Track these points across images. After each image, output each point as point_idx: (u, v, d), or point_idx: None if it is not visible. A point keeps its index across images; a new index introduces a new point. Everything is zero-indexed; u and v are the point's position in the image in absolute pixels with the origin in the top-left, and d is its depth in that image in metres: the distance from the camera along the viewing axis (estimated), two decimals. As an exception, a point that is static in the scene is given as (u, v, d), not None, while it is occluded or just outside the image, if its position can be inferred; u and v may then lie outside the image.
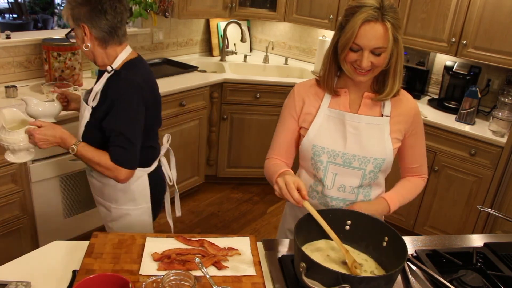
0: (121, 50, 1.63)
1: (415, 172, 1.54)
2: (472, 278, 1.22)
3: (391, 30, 1.24)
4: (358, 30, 1.23)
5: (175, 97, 2.97)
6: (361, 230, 1.29)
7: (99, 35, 1.56)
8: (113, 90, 1.57)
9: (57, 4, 7.79)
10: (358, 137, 1.39)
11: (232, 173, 3.65)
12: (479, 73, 3.04)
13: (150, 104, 1.65)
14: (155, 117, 1.74)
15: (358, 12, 1.23)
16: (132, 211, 1.77)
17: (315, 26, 3.61)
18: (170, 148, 1.93)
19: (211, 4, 3.41)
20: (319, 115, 1.42)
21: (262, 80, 3.38)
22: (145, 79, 1.63)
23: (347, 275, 1.04)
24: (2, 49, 2.58)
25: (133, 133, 1.58)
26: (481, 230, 2.76)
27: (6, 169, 2.19)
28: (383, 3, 1.24)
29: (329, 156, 1.40)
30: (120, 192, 1.74)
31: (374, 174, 1.42)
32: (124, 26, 1.63)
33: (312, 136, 1.41)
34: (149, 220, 1.82)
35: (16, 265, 1.22)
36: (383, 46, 1.25)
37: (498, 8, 2.66)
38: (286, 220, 1.63)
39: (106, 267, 1.21)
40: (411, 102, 1.46)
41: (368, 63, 1.27)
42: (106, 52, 1.60)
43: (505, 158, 2.59)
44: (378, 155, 1.39)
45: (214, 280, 1.16)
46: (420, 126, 1.48)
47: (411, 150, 1.48)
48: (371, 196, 1.47)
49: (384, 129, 1.40)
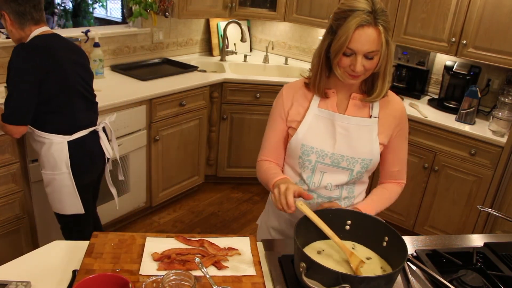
0: (36, 28, 1.93)
1: (394, 177, 1.53)
2: (472, 278, 1.22)
3: (384, 33, 1.24)
4: (352, 35, 1.23)
5: (175, 97, 2.97)
6: (361, 230, 1.29)
7: (16, 18, 1.89)
8: (11, 56, 1.85)
9: (57, 4, 7.79)
10: (347, 138, 1.39)
11: (232, 173, 3.65)
12: (479, 73, 3.04)
13: (50, 69, 1.87)
14: (60, 84, 1.93)
15: (351, 17, 1.22)
16: (57, 175, 2.01)
17: (315, 26, 3.61)
18: (109, 125, 2.20)
19: (211, 4, 3.41)
20: (308, 115, 1.42)
21: (262, 80, 3.38)
22: (41, 46, 1.89)
23: (347, 275, 1.03)
24: (2, 49, 2.58)
25: (17, 91, 1.83)
26: (481, 230, 2.76)
27: (6, 169, 2.19)
28: (375, 6, 1.23)
29: (318, 156, 1.41)
30: (44, 158, 2.00)
31: (361, 174, 1.43)
32: (41, 12, 1.95)
33: (302, 136, 1.41)
34: (72, 185, 2.03)
35: (16, 265, 1.22)
36: (376, 50, 1.26)
37: (498, 8, 2.66)
38: (269, 219, 1.62)
39: (106, 267, 1.21)
40: (398, 103, 1.46)
41: (361, 68, 1.27)
42: (24, 32, 1.92)
43: (505, 158, 2.59)
44: (366, 155, 1.40)
45: (214, 280, 1.16)
46: (406, 129, 1.48)
47: (394, 153, 1.48)
48: (355, 193, 1.48)
49: (373, 130, 1.40)
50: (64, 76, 1.95)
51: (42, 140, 1.98)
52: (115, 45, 3.24)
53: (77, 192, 2.06)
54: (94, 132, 2.11)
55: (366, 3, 1.23)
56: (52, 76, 1.90)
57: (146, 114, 2.81)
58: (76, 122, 2.03)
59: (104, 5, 8.71)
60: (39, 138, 1.98)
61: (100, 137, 2.13)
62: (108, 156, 2.19)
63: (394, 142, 1.46)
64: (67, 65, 1.96)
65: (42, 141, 1.98)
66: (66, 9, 7.87)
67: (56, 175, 2.01)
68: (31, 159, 2.28)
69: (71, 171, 2.01)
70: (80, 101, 2.04)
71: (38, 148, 2.02)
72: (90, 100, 2.13)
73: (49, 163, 2.00)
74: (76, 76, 2.00)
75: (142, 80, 3.01)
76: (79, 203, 2.09)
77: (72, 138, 2.00)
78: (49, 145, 1.97)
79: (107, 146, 2.16)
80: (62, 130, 1.98)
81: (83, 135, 2.04)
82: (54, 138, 1.96)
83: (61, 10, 7.83)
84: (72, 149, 2.00)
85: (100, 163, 2.19)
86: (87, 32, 2.92)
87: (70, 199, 2.07)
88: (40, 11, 1.95)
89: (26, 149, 2.25)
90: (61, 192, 2.05)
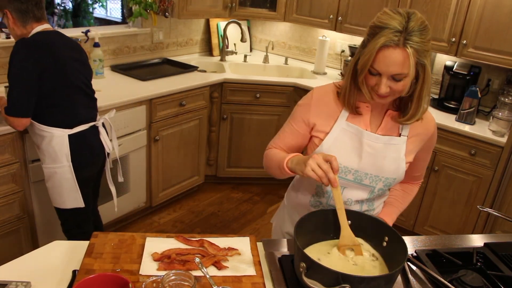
0: (37, 25, 1.98)
1: (415, 179, 1.54)
2: (472, 278, 1.22)
3: (413, 56, 1.13)
4: (376, 55, 1.15)
5: (175, 97, 2.97)
6: (361, 230, 1.29)
7: (18, 16, 1.94)
8: (12, 51, 1.90)
9: (57, 4, 7.79)
10: (374, 157, 1.33)
11: (232, 173, 3.65)
12: (479, 73, 3.04)
13: (49, 65, 1.92)
14: (60, 79, 1.97)
15: (379, 35, 1.14)
16: (58, 168, 2.04)
17: (315, 26, 3.61)
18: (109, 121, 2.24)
19: (211, 4, 3.41)
20: (335, 128, 1.34)
21: (262, 80, 3.37)
22: (42, 42, 1.93)
23: (347, 275, 1.03)
24: (2, 49, 2.58)
25: (18, 84, 1.88)
26: (481, 230, 2.76)
27: (6, 169, 2.19)
28: (408, 24, 1.13)
29: (341, 171, 1.34)
30: (45, 151, 2.03)
31: (383, 191, 1.41)
32: (43, 10, 2.00)
33: (326, 149, 1.34)
34: (72, 179, 2.07)
35: (16, 265, 1.22)
36: (402, 73, 1.16)
37: (498, 8, 2.66)
38: (284, 224, 1.60)
39: (106, 267, 1.21)
40: (431, 121, 1.38)
41: (386, 89, 1.19)
42: (26, 30, 1.97)
43: (505, 158, 2.59)
44: (391, 175, 1.35)
45: (214, 280, 1.16)
46: (434, 143, 1.45)
47: (419, 162, 1.46)
48: (374, 206, 1.46)
49: (401, 149, 1.35)
50: (64, 71, 1.99)
51: (43, 134, 2.01)
52: (115, 45, 3.24)
53: (78, 186, 2.09)
54: (94, 127, 2.15)
55: (398, 20, 1.14)
56: (52, 71, 1.94)
57: (146, 114, 2.81)
58: (77, 116, 2.07)
59: (104, 5, 8.72)
60: (40, 131, 2.01)
61: (100, 132, 2.17)
62: (108, 151, 2.22)
63: (421, 154, 1.42)
64: (67, 61, 2.00)
65: (43, 135, 2.01)
66: (66, 9, 7.87)
67: (57, 168, 2.04)
68: (31, 159, 2.28)
69: (71, 164, 2.05)
70: (81, 96, 2.09)
71: (39, 142, 2.04)
72: (90, 96, 2.17)
73: (50, 156, 2.03)
74: (76, 73, 2.05)
75: (142, 80, 3.01)
76: (80, 197, 2.12)
77: (72, 132, 2.04)
78: (50, 138, 2.00)
79: (107, 141, 2.20)
80: (63, 124, 2.02)
81: (83, 129, 2.08)
82: (55, 131, 2.00)
83: (61, 10, 7.83)
84: (73, 142, 2.04)
85: (100, 157, 2.22)
86: (87, 32, 2.92)
87: (71, 193, 2.10)
88: (41, 9, 2.00)
89: (26, 149, 2.25)
90: (61, 185, 2.08)
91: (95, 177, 2.30)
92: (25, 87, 1.89)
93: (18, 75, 1.88)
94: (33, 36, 1.96)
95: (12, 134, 2.16)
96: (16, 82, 1.89)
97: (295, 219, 1.49)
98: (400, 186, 1.56)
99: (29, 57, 1.88)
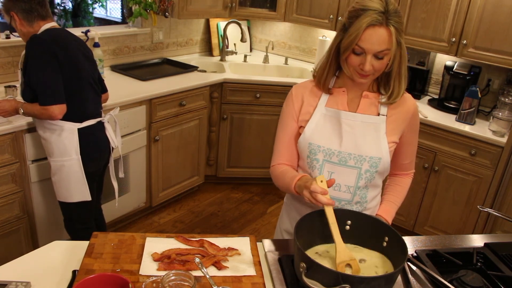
0: (44, 23, 2.03)
1: (405, 168, 1.55)
2: (472, 278, 1.22)
3: (395, 34, 1.25)
4: (362, 33, 1.24)
5: (175, 97, 2.97)
6: (361, 230, 1.29)
7: (24, 16, 1.99)
8: (26, 49, 1.96)
9: (57, 4, 7.80)
10: (353, 135, 1.39)
11: (232, 173, 3.65)
12: (479, 73, 3.04)
13: (63, 60, 1.97)
14: (72, 74, 2.02)
15: (363, 16, 1.24)
16: (66, 162, 2.07)
17: (315, 26, 3.61)
18: (115, 117, 2.31)
19: (211, 4, 3.41)
20: (315, 114, 1.43)
21: (262, 80, 3.37)
22: (54, 38, 1.98)
23: (347, 275, 1.03)
24: (2, 49, 2.58)
25: (45, 74, 1.92)
26: (481, 230, 2.76)
27: (6, 169, 2.19)
28: (388, 7, 1.24)
29: (325, 154, 1.40)
30: (54, 144, 2.05)
31: (371, 174, 1.41)
32: (47, 8, 2.05)
33: (309, 135, 1.42)
34: (80, 171, 2.10)
35: (15, 265, 1.22)
36: (386, 49, 1.26)
37: (498, 8, 2.66)
38: (282, 221, 1.62)
39: (106, 267, 1.21)
40: (410, 101, 1.46)
41: (370, 67, 1.28)
42: (33, 29, 2.02)
43: (505, 158, 2.59)
44: (374, 153, 1.39)
45: (214, 280, 1.16)
46: (417, 124, 1.49)
47: (405, 146, 1.49)
48: (367, 198, 1.45)
49: (380, 128, 1.40)
50: (76, 67, 2.05)
51: (53, 128, 2.04)
52: (115, 45, 3.24)
53: (85, 179, 2.12)
54: (100, 122, 2.19)
55: (379, 3, 1.25)
56: (66, 65, 1.99)
57: (146, 114, 2.81)
58: (86, 111, 2.12)
59: (104, 5, 8.72)
60: (50, 125, 2.04)
61: (106, 127, 2.22)
62: (113, 146, 2.27)
63: (406, 137, 1.46)
64: (78, 56, 2.07)
65: (53, 128, 2.04)
66: (66, 9, 7.88)
67: (65, 161, 2.07)
68: (31, 159, 2.28)
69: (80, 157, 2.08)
70: (90, 91, 2.14)
71: (47, 136, 2.06)
72: (97, 92, 2.21)
73: (59, 149, 2.05)
74: (86, 68, 2.11)
75: (142, 80, 3.01)
76: (87, 190, 2.14)
77: (81, 126, 2.08)
78: (59, 132, 2.04)
79: (112, 136, 2.25)
80: (73, 118, 2.05)
81: (91, 124, 2.12)
82: (65, 125, 2.04)
83: (61, 10, 7.83)
84: (81, 136, 2.07)
85: (106, 152, 2.26)
86: (87, 32, 2.92)
87: (78, 186, 2.12)
88: (45, 7, 2.04)
89: (26, 149, 2.25)
90: (69, 179, 2.10)
91: (100, 173, 2.33)
92: (52, 74, 1.94)
93: (41, 65, 1.92)
94: (44, 32, 2.00)
95: (12, 134, 2.16)
96: (42, 73, 1.92)
97: (293, 216, 1.51)
98: (393, 180, 1.58)
99: (45, 50, 1.93)
